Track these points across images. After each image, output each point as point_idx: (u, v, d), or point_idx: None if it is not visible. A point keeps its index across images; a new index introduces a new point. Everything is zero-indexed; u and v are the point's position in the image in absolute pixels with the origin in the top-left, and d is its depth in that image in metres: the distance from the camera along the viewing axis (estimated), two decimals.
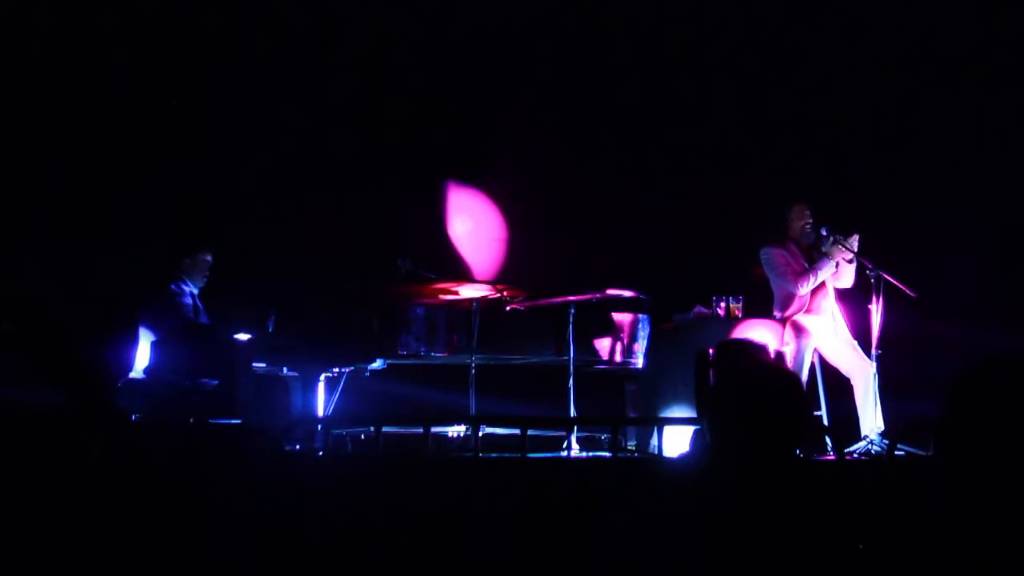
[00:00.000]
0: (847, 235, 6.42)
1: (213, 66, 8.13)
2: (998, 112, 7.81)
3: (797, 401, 2.68)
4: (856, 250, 6.40)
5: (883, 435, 6.14)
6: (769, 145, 8.17)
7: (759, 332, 6.32)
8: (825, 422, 6.39)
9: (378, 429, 4.82)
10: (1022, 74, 7.79)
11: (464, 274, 8.12)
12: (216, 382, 6.36)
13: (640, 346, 6.89)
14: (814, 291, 6.51)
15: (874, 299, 6.28)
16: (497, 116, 8.46)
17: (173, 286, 6.81)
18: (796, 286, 6.47)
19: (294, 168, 8.24)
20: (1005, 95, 7.82)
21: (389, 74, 8.37)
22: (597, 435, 6.81)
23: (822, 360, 6.52)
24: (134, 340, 6.53)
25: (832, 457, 5.32)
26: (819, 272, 6.47)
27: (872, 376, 6.25)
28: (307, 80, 8.26)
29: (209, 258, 6.93)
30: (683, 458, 3.65)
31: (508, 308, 6.84)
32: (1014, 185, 7.58)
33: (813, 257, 6.56)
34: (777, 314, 6.57)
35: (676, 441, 5.04)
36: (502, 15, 8.32)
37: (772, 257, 6.59)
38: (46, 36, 7.80)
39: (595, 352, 6.89)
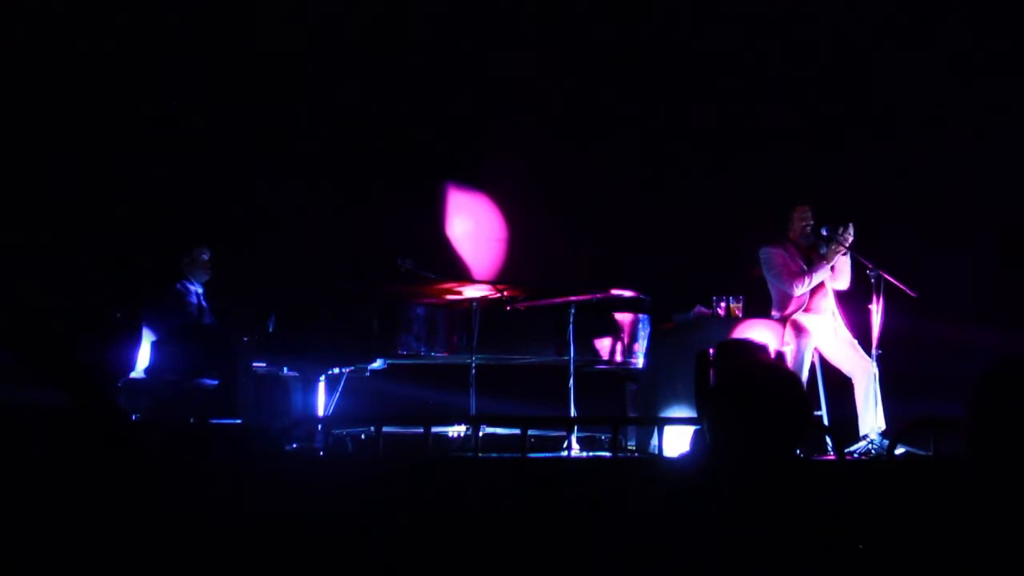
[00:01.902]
0: (843, 227, 6.40)
1: (213, 63, 8.14)
2: (998, 111, 7.81)
3: (797, 401, 2.68)
4: (850, 242, 6.38)
5: (883, 435, 6.14)
6: (770, 145, 8.17)
7: (759, 332, 6.32)
8: (825, 422, 6.38)
9: (378, 429, 4.82)
10: (1022, 72, 7.80)
11: (464, 274, 8.13)
12: (216, 382, 6.36)
13: (640, 346, 6.89)
14: (813, 291, 6.50)
15: (874, 299, 6.27)
16: (497, 116, 8.46)
17: (178, 285, 6.82)
18: (792, 287, 6.47)
19: (294, 167, 8.24)
20: (1005, 94, 7.82)
21: (389, 74, 8.38)
22: (597, 435, 6.81)
23: (822, 360, 6.51)
24: (136, 340, 6.54)
25: (832, 457, 5.32)
26: (815, 274, 6.46)
27: (872, 376, 6.24)
28: (307, 80, 8.26)
29: (207, 255, 6.93)
30: (683, 458, 3.65)
31: (508, 308, 6.84)
32: (1014, 185, 7.58)
33: (812, 258, 6.55)
34: (776, 314, 6.57)
35: (676, 441, 5.04)
36: (502, 14, 8.32)
37: (771, 257, 6.59)
38: (48, 33, 7.81)
39: (595, 352, 6.90)
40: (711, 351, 5.31)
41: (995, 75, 7.85)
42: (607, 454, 5.99)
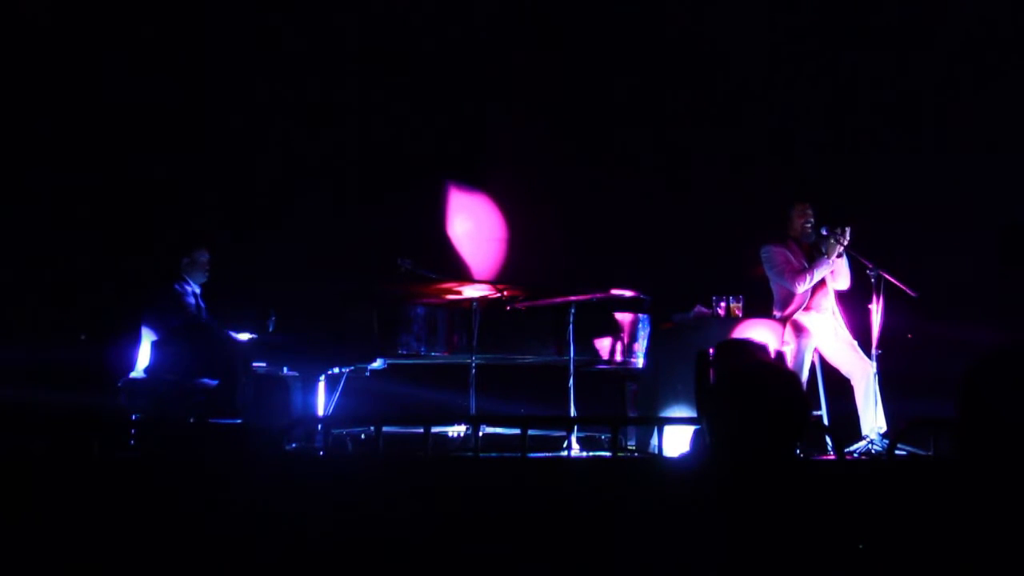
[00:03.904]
0: (840, 229, 6.41)
1: (213, 65, 8.14)
2: (998, 112, 7.81)
3: (797, 401, 2.68)
4: (847, 243, 6.38)
5: (883, 435, 6.14)
6: (770, 145, 8.18)
7: (759, 332, 6.32)
8: (825, 422, 6.38)
9: (378, 429, 4.82)
10: (1022, 73, 7.80)
11: (464, 274, 8.13)
12: (216, 382, 6.36)
13: (640, 346, 6.89)
14: (814, 290, 6.50)
15: (874, 299, 6.27)
16: (497, 116, 8.46)
17: (176, 285, 6.80)
18: (794, 284, 6.47)
19: (294, 167, 8.24)
20: (1005, 95, 7.82)
21: (389, 73, 8.38)
22: (597, 435, 6.81)
23: (822, 360, 6.51)
24: (136, 340, 6.54)
25: (832, 457, 5.32)
26: (816, 270, 6.46)
27: (872, 376, 6.24)
28: (308, 80, 8.27)
29: (207, 256, 6.92)
30: (683, 458, 3.65)
31: (508, 308, 6.84)
32: (1014, 185, 7.57)
33: (814, 257, 6.55)
34: (777, 313, 6.57)
35: (676, 441, 5.04)
36: (502, 15, 8.32)
37: (772, 255, 6.59)
38: (47, 33, 7.80)
39: (595, 352, 6.89)
40: (711, 351, 5.31)
41: (995, 74, 7.85)
42: (607, 454, 5.99)
